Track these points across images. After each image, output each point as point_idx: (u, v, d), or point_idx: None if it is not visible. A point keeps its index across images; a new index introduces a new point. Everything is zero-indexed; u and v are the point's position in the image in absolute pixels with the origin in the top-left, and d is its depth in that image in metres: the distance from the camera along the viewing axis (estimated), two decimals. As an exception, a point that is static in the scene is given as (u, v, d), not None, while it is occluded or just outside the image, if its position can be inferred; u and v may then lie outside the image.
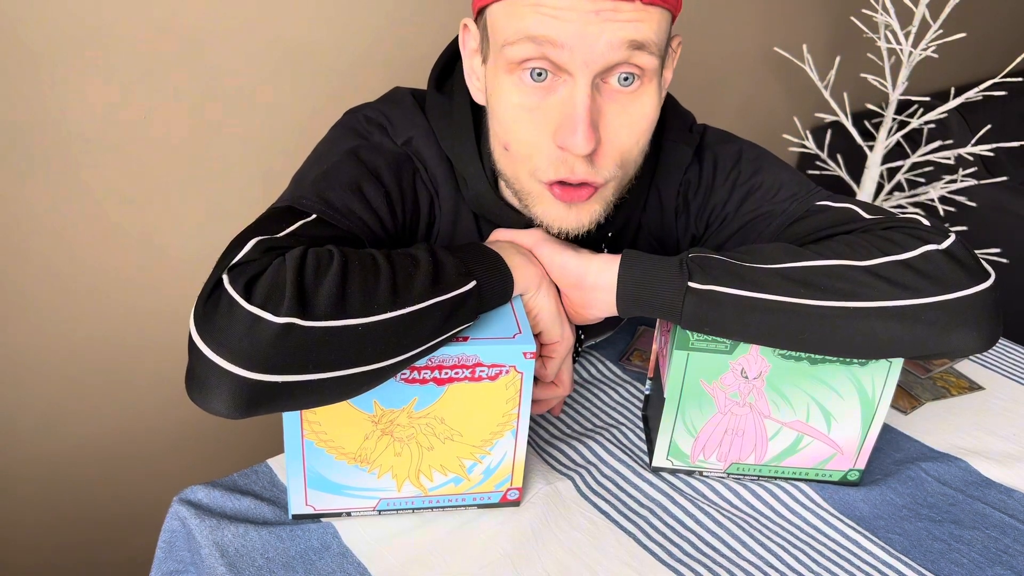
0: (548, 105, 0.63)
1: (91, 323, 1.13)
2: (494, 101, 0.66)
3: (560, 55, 0.60)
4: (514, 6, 0.61)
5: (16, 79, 0.95)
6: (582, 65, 0.60)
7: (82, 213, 1.06)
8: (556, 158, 0.64)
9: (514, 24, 0.61)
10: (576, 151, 0.62)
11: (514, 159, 0.67)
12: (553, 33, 0.59)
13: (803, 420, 0.75)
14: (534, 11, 0.60)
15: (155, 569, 0.76)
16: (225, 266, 0.55)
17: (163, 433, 1.27)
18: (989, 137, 2.14)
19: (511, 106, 0.64)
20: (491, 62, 0.66)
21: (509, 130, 0.65)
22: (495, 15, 0.64)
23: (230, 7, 1.06)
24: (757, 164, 0.78)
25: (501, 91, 0.65)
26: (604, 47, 0.60)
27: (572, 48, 0.60)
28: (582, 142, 0.61)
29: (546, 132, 0.64)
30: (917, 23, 1.60)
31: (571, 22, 0.59)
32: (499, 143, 0.68)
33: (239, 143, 1.15)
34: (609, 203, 0.69)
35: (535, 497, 0.75)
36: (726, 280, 0.65)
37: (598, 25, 0.59)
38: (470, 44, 0.70)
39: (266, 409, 0.54)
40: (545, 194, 0.67)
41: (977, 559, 0.71)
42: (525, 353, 0.65)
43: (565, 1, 0.59)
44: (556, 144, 0.63)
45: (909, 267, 0.65)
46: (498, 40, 0.64)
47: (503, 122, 0.66)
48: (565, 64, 0.61)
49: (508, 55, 0.62)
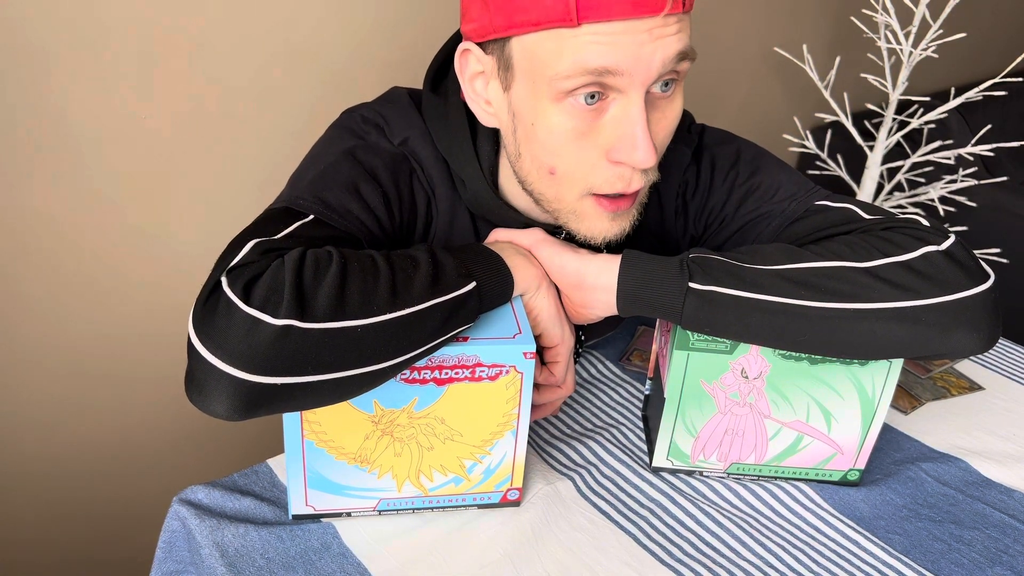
0: (600, 125, 0.63)
1: (91, 323, 1.13)
2: (538, 128, 0.64)
3: (619, 81, 0.60)
4: (564, 38, 0.59)
5: (17, 79, 0.95)
6: (639, 85, 0.61)
7: (82, 213, 1.06)
8: (613, 174, 0.64)
9: (568, 57, 0.59)
10: (642, 166, 0.62)
11: (561, 181, 0.66)
12: (612, 62, 0.59)
13: (803, 420, 0.75)
14: (590, 42, 0.59)
15: (155, 569, 0.76)
16: (223, 268, 0.55)
17: (163, 433, 1.27)
18: (989, 137, 2.14)
19: (561, 132, 0.63)
20: (528, 90, 0.63)
21: (557, 155, 0.64)
22: (532, 46, 0.61)
23: (230, 8, 1.06)
24: (755, 164, 0.78)
25: (547, 118, 0.63)
26: (659, 65, 0.60)
27: (631, 72, 0.60)
28: (646, 156, 0.62)
29: (599, 151, 0.64)
30: (917, 23, 1.60)
31: (627, 47, 0.59)
32: (542, 168, 0.66)
33: (239, 143, 1.15)
34: (643, 204, 0.70)
35: (535, 497, 0.75)
36: (726, 281, 0.65)
37: (651, 44, 0.59)
38: (473, 69, 0.68)
39: (265, 411, 0.54)
40: (593, 210, 0.67)
41: (977, 559, 0.71)
42: (525, 353, 0.65)
43: (619, 25, 0.58)
44: (611, 160, 0.64)
45: (909, 268, 0.65)
46: (543, 71, 0.61)
47: (549, 148, 0.64)
48: (621, 87, 0.61)
49: (560, 86, 0.61)
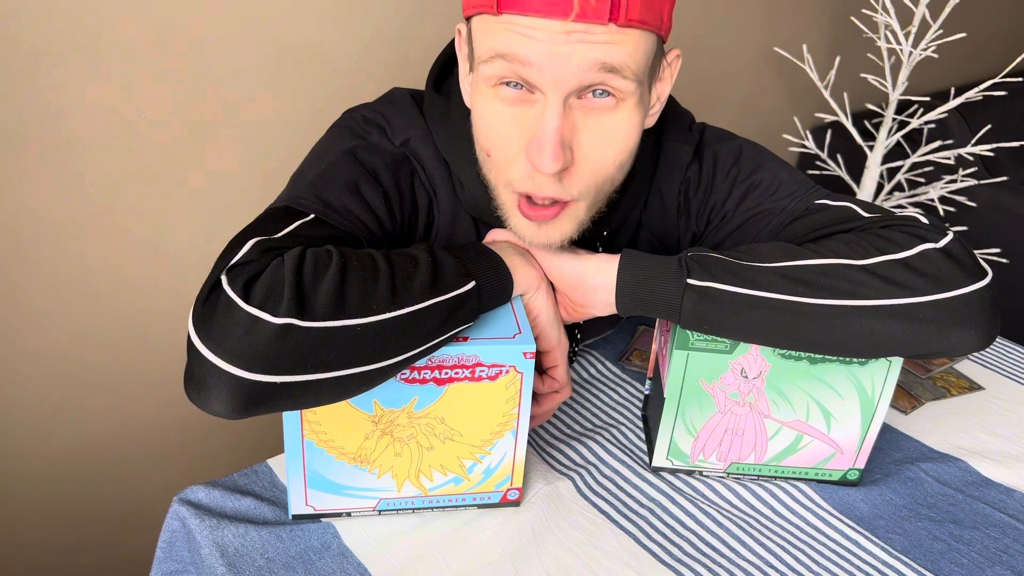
0: (525, 117, 0.63)
1: (91, 323, 1.13)
2: (476, 109, 0.67)
3: (530, 73, 0.60)
4: (488, 23, 0.61)
5: (17, 80, 0.95)
6: (552, 85, 0.60)
7: (82, 213, 1.06)
8: (527, 172, 0.64)
9: (488, 41, 0.61)
10: (543, 170, 0.62)
11: (494, 166, 0.67)
12: (523, 52, 0.59)
13: (803, 420, 0.75)
14: (506, 28, 0.59)
15: (155, 569, 0.76)
16: (223, 267, 0.55)
17: (163, 433, 1.27)
18: (989, 137, 2.14)
19: (491, 113, 0.64)
20: (474, 72, 0.66)
21: (488, 137, 0.66)
22: (475, 28, 0.64)
23: (230, 8, 1.07)
24: (757, 162, 0.78)
25: (483, 100, 0.65)
26: (574, 68, 0.59)
27: (542, 68, 0.59)
28: (549, 162, 0.61)
29: (521, 144, 0.64)
30: (917, 23, 1.60)
31: (541, 42, 0.58)
32: (482, 149, 0.68)
33: (239, 143, 1.15)
34: (582, 221, 0.69)
35: (535, 497, 0.75)
36: (724, 277, 0.65)
37: (568, 46, 0.58)
38: (464, 49, 0.70)
39: (265, 409, 0.54)
40: (514, 207, 0.67)
41: (977, 559, 0.71)
42: (525, 353, 0.65)
43: (536, 20, 0.58)
44: (527, 160, 0.63)
45: (906, 266, 0.65)
46: (476, 55, 0.64)
47: (483, 130, 0.66)
48: (536, 83, 0.60)
49: (484, 71, 0.62)
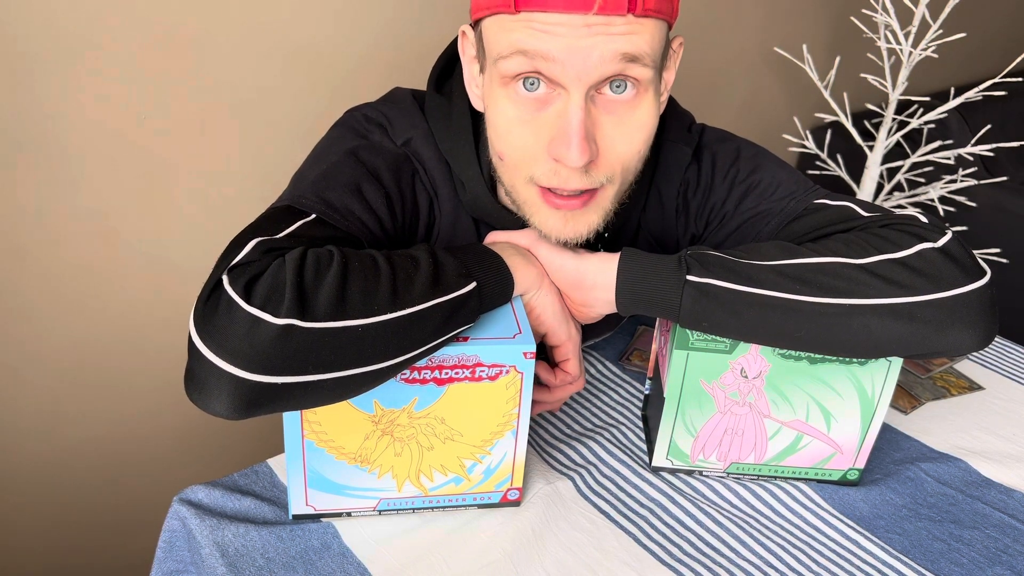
0: (543, 118, 0.63)
1: (91, 323, 1.13)
2: (490, 112, 0.67)
3: (552, 69, 0.60)
4: (506, 21, 0.61)
5: (16, 82, 0.95)
6: (575, 79, 0.60)
7: (82, 214, 1.06)
8: (550, 168, 0.64)
9: (506, 38, 0.61)
10: (570, 164, 0.62)
11: (509, 168, 0.67)
12: (545, 48, 0.59)
13: (803, 419, 0.75)
14: (526, 26, 0.60)
15: (155, 569, 0.76)
16: (225, 267, 0.55)
17: (163, 433, 1.27)
18: (989, 137, 2.14)
19: (506, 118, 0.64)
20: (487, 74, 0.66)
21: (504, 140, 0.66)
22: (489, 28, 0.64)
23: (230, 8, 1.07)
24: (755, 162, 0.78)
25: (496, 103, 0.65)
26: (597, 61, 0.59)
27: (564, 62, 0.59)
28: (576, 156, 0.61)
29: (541, 143, 0.64)
30: (917, 23, 1.60)
31: (562, 36, 0.59)
32: (495, 153, 0.68)
33: (239, 143, 1.15)
34: (608, 211, 0.69)
35: (535, 497, 0.75)
36: (723, 275, 0.66)
37: (590, 39, 0.59)
38: (469, 51, 0.70)
39: (266, 410, 0.54)
40: (541, 203, 0.67)
41: (977, 559, 0.71)
42: (525, 353, 0.65)
43: (556, 16, 0.58)
44: (551, 156, 0.64)
45: (904, 265, 0.65)
46: (492, 54, 0.64)
47: (499, 133, 0.66)
48: (558, 78, 0.61)
49: (501, 69, 0.62)
